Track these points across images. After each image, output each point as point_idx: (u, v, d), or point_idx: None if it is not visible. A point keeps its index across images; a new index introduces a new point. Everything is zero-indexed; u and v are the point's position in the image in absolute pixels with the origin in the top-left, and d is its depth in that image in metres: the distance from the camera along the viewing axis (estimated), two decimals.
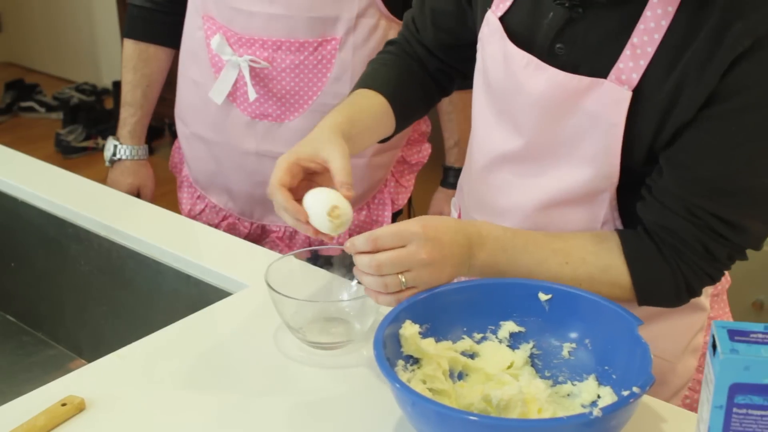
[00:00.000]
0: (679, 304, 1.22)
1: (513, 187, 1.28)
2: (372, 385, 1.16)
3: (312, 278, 1.34)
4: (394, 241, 1.11)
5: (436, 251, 1.12)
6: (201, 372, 1.20)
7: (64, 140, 4.72)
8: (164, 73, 1.97)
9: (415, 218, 1.14)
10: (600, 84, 1.14)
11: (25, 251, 1.77)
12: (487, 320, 1.17)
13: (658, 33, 1.10)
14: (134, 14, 1.94)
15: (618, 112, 1.14)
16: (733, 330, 0.89)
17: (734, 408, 0.88)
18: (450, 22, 1.39)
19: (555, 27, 1.18)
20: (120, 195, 1.78)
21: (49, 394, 1.12)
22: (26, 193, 1.74)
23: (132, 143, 1.98)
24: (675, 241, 1.16)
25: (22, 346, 1.74)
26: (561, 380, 1.14)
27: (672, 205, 1.15)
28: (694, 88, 1.09)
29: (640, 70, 1.12)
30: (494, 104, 1.29)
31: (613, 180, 1.19)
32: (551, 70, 1.18)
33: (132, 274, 1.58)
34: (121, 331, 1.61)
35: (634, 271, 1.18)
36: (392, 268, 1.11)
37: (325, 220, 1.16)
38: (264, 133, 1.77)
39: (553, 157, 1.22)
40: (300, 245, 1.86)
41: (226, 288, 1.43)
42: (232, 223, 1.90)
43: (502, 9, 1.25)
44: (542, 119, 1.21)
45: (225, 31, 1.73)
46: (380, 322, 1.08)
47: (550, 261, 1.19)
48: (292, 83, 1.72)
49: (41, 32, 5.87)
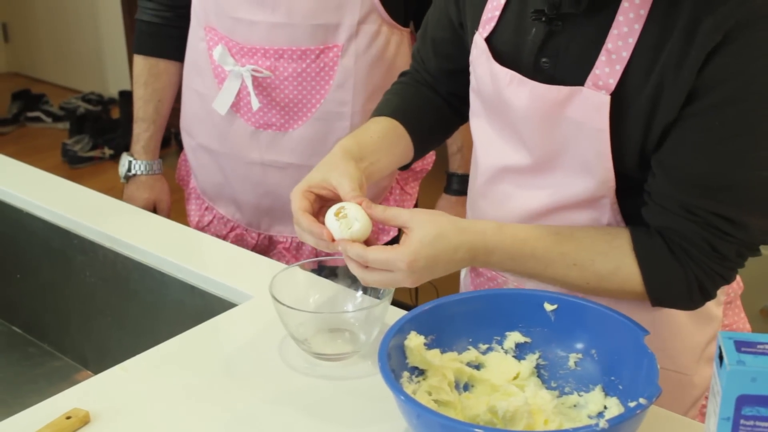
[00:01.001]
0: (692, 306, 1.21)
1: (513, 198, 1.28)
2: (377, 397, 1.15)
3: (317, 289, 1.34)
4: (382, 266, 1.14)
5: (424, 277, 1.15)
6: (206, 384, 1.20)
7: (70, 150, 4.73)
8: (175, 87, 1.97)
9: (408, 244, 1.13)
10: (579, 92, 1.15)
11: (31, 262, 1.77)
12: (492, 331, 1.17)
13: (632, 37, 1.11)
14: (143, 30, 1.95)
15: (600, 117, 1.14)
16: (740, 341, 0.89)
17: (741, 420, 0.87)
18: (449, 49, 1.41)
19: (538, 42, 1.20)
20: (125, 206, 1.78)
21: (54, 406, 1.12)
22: (31, 205, 1.74)
23: (146, 158, 1.98)
24: (682, 242, 1.16)
25: (27, 357, 1.74)
26: (567, 391, 1.14)
27: (671, 207, 1.15)
28: (673, 88, 1.10)
29: (616, 75, 1.13)
30: (492, 121, 1.30)
31: (610, 185, 1.19)
32: (531, 84, 1.20)
33: (137, 285, 1.58)
34: (126, 341, 1.61)
35: (646, 271, 1.17)
36: (377, 286, 1.21)
37: (336, 226, 1.16)
38: (268, 143, 1.77)
39: (552, 166, 1.23)
40: (307, 256, 1.86)
41: (231, 299, 1.43)
42: (239, 234, 1.90)
43: (488, 30, 1.27)
44: (535, 132, 1.21)
45: (227, 42, 1.74)
46: (385, 334, 1.08)
47: (558, 263, 1.19)
48: (294, 92, 1.72)
49: (47, 42, 5.89)
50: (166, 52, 1.93)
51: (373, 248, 1.14)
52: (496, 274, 1.37)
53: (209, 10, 1.76)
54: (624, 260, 1.18)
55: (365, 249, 1.14)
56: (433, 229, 1.14)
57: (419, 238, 1.13)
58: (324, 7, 1.66)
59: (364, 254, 1.13)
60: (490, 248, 1.17)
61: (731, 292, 1.35)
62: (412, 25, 1.82)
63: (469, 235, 1.17)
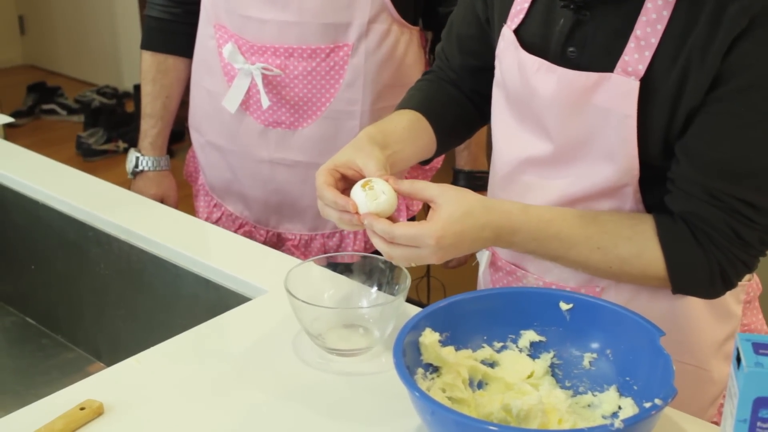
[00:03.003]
0: (713, 294, 1.21)
1: (534, 190, 1.29)
2: (391, 393, 1.15)
3: (332, 285, 1.33)
4: (408, 242, 1.14)
5: (449, 254, 1.14)
6: (219, 377, 1.20)
7: (85, 143, 4.75)
8: (183, 83, 1.97)
9: (435, 221, 1.13)
10: (607, 78, 1.16)
11: (45, 254, 1.78)
12: (507, 329, 1.17)
13: (660, 24, 1.13)
14: (152, 26, 1.95)
15: (628, 103, 1.15)
16: (758, 343, 0.88)
17: (758, 422, 0.87)
18: (475, 46, 1.42)
19: (565, 31, 1.21)
20: (140, 199, 1.78)
21: (68, 397, 1.12)
22: (46, 196, 1.75)
23: (154, 154, 1.99)
24: (706, 227, 1.16)
25: (41, 348, 1.74)
26: (582, 391, 1.13)
27: (695, 192, 1.15)
28: (698, 73, 1.11)
29: (645, 61, 1.14)
30: (516, 113, 1.30)
31: (634, 173, 1.19)
32: (560, 70, 1.21)
33: (151, 278, 1.58)
34: (139, 334, 1.61)
35: (669, 256, 1.17)
36: (403, 262, 1.18)
37: (362, 197, 1.17)
38: (277, 141, 1.77)
39: (574, 155, 1.23)
40: (316, 253, 1.86)
41: (245, 293, 1.43)
42: (248, 232, 1.90)
43: (516, 22, 1.29)
44: (560, 120, 1.22)
45: (237, 40, 1.74)
46: (400, 330, 1.08)
47: (582, 246, 1.19)
48: (304, 90, 1.72)
49: (63, 35, 5.91)
50: (174, 49, 1.93)
51: (400, 224, 1.14)
52: (515, 268, 1.37)
53: (219, 7, 1.76)
54: (647, 245, 1.18)
55: (392, 225, 1.14)
56: (462, 206, 1.15)
57: (448, 214, 1.14)
58: (334, 6, 1.66)
59: (390, 230, 1.13)
60: (515, 228, 1.18)
61: (750, 292, 1.35)
62: (421, 23, 1.81)
63: (496, 214, 1.18)
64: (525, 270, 1.36)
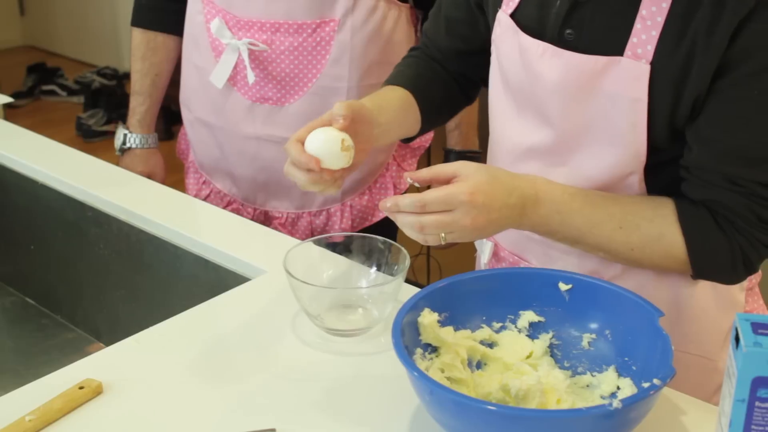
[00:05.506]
0: (735, 279, 1.20)
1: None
2: (390, 373, 1.15)
3: (331, 265, 1.34)
4: (440, 207, 1.10)
5: (482, 217, 1.11)
6: (218, 357, 1.20)
7: (84, 124, 4.74)
8: (173, 61, 1.97)
9: (466, 181, 1.11)
10: (617, 62, 1.14)
11: (45, 234, 1.78)
12: (506, 309, 1.17)
13: (665, 2, 1.11)
14: (142, 3, 1.95)
15: (639, 87, 1.13)
16: (757, 323, 0.88)
17: (756, 402, 0.87)
18: (463, 30, 1.41)
19: (562, 13, 1.19)
20: (140, 179, 1.78)
21: (67, 377, 1.13)
22: (46, 176, 1.74)
23: (142, 132, 1.99)
24: (728, 213, 1.15)
25: (40, 328, 1.74)
26: (580, 371, 1.13)
27: (713, 179, 1.14)
28: (704, 56, 1.09)
29: (653, 41, 1.12)
30: (515, 100, 1.29)
31: (641, 159, 1.18)
32: (567, 54, 1.18)
33: (151, 259, 1.58)
34: (139, 315, 1.61)
35: (690, 240, 1.16)
36: (436, 230, 1.11)
37: (339, 156, 1.17)
38: (264, 117, 1.76)
39: (579, 142, 1.22)
40: (302, 231, 1.85)
41: (244, 273, 1.43)
42: (236, 209, 1.89)
43: (512, 6, 1.27)
44: (564, 106, 1.20)
45: (224, 15, 1.73)
46: (399, 310, 1.08)
47: (605, 224, 1.17)
48: (291, 66, 1.71)
49: (63, 16, 5.88)
50: (164, 26, 1.93)
51: (429, 190, 1.11)
52: (518, 259, 1.36)
53: None
54: (669, 228, 1.17)
55: (420, 194, 1.11)
56: (488, 171, 1.13)
57: (475, 179, 1.12)
58: None
59: (420, 197, 1.10)
60: (540, 197, 1.16)
61: (753, 278, 1.34)
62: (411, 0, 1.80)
63: (521, 180, 1.17)
64: (528, 262, 1.35)
